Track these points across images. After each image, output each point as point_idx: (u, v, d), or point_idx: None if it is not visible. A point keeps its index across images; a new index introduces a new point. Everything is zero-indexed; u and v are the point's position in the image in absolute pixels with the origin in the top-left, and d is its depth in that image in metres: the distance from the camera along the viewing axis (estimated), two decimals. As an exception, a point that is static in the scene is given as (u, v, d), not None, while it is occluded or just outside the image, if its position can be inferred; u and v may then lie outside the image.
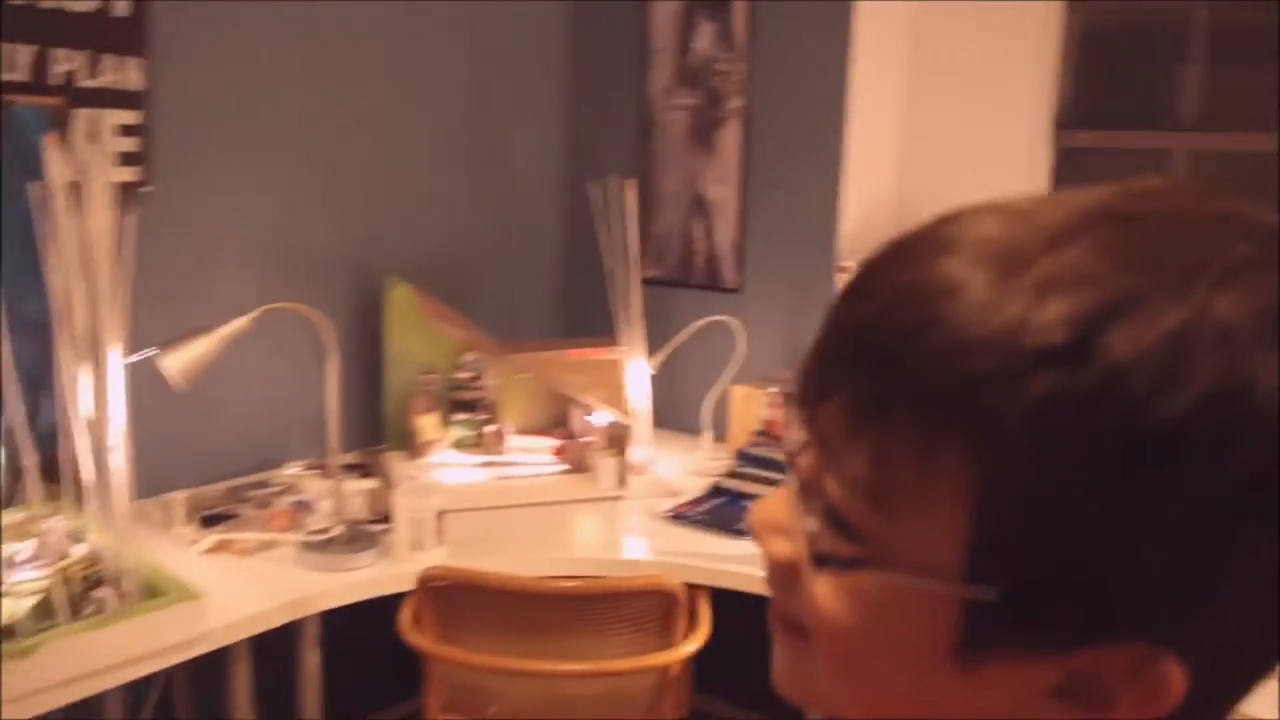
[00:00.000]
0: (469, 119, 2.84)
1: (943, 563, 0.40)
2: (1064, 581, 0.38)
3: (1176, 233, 0.39)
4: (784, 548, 0.47)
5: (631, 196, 2.57)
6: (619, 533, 2.37)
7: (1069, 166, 2.65)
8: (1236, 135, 2.47)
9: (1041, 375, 0.37)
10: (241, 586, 1.93)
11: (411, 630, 1.95)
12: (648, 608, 1.96)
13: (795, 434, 0.47)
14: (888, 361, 0.40)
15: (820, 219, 2.68)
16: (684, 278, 2.88)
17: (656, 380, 2.67)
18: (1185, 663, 0.38)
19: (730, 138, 2.75)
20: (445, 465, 2.53)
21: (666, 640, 1.97)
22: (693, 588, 2.02)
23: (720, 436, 2.75)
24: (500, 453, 2.63)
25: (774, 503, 0.48)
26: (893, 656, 0.42)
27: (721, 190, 2.79)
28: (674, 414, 2.81)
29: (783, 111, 2.68)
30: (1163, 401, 0.36)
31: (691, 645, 1.96)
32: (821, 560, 0.43)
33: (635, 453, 2.56)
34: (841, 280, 2.65)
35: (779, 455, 2.52)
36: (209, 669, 1.92)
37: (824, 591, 0.43)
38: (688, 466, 2.66)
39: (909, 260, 0.42)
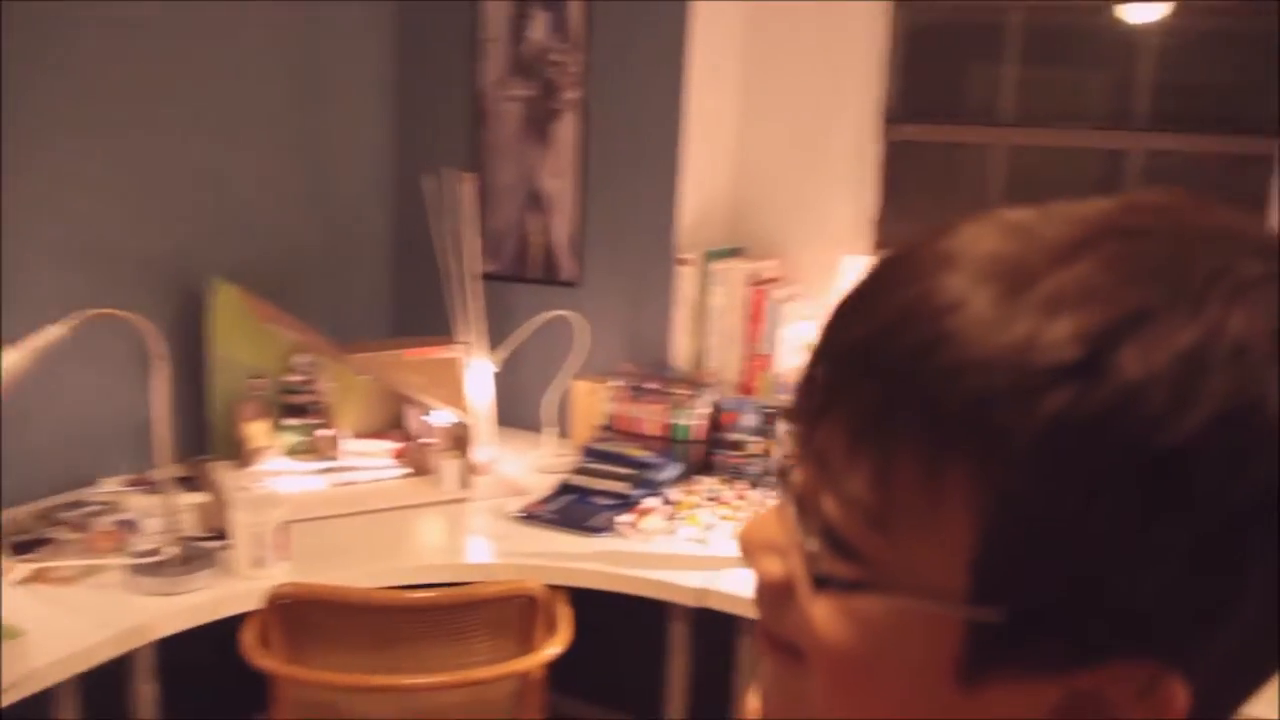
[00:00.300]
0: (292, 110, 2.70)
1: (946, 584, 0.39)
2: (1071, 602, 0.37)
3: (1183, 247, 0.39)
4: (776, 567, 0.45)
5: (469, 190, 2.51)
6: (469, 536, 2.31)
7: (897, 159, 2.75)
8: (1052, 131, 2.61)
9: (1053, 394, 0.36)
10: (65, 619, 1.77)
11: (257, 651, 1.84)
12: (508, 613, 1.91)
13: (788, 449, 0.46)
14: (893, 379, 0.39)
15: (658, 211, 2.68)
16: (520, 272, 2.84)
17: (496, 377, 2.62)
18: (1189, 679, 0.38)
19: (567, 130, 2.72)
20: (278, 474, 2.41)
21: (527, 645, 1.93)
22: (550, 589, 1.98)
23: (564, 432, 2.72)
24: (336, 458, 2.52)
25: (764, 520, 0.47)
26: (894, 679, 0.41)
27: (558, 183, 2.76)
28: (515, 411, 2.76)
29: (620, 104, 2.67)
30: (1175, 420, 0.35)
31: (553, 649, 1.93)
32: (822, 582, 0.42)
33: (478, 452, 2.50)
34: (683, 273, 2.66)
35: (626, 449, 2.52)
36: (28, 713, 1.75)
37: (822, 614, 0.42)
38: (532, 464, 2.62)
39: (909, 276, 0.41)
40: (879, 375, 0.40)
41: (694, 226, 2.71)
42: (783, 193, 2.79)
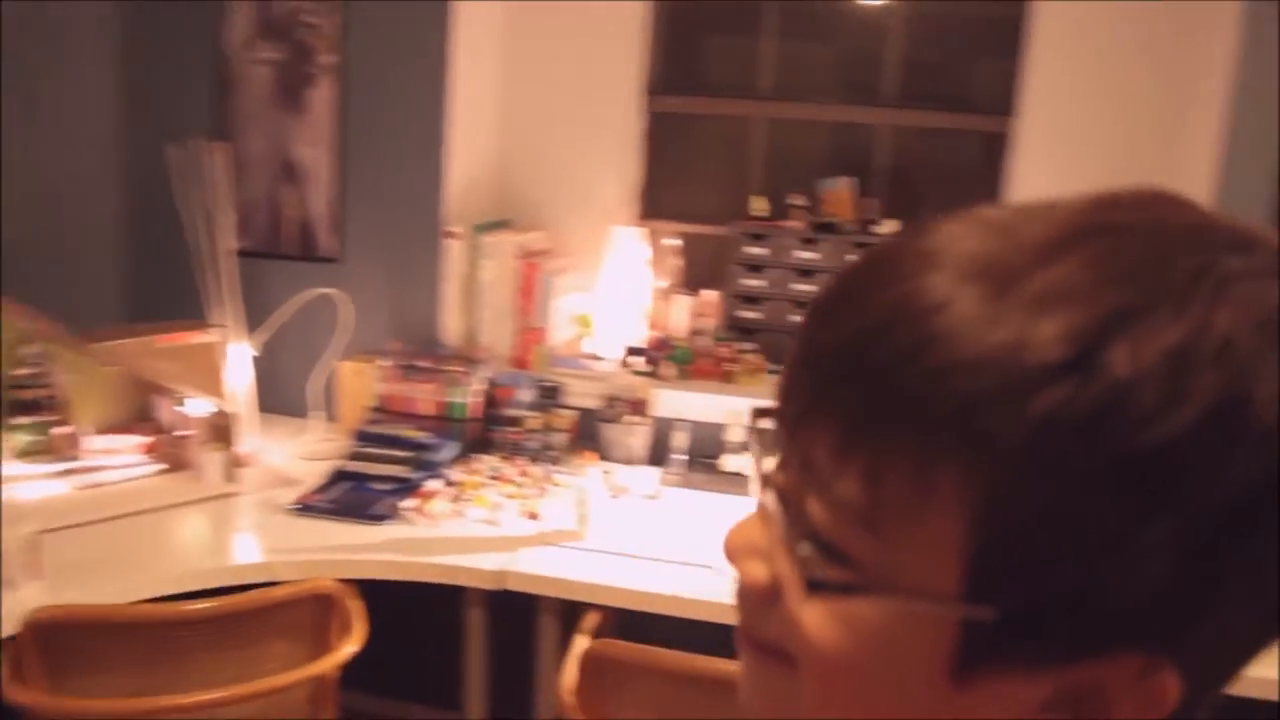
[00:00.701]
0: (4, 74, 2.39)
1: (940, 584, 0.39)
2: (1064, 598, 0.38)
3: (1164, 245, 0.39)
4: (761, 571, 0.45)
5: (221, 160, 2.32)
6: (241, 534, 2.16)
7: (661, 131, 2.77)
8: (806, 105, 2.72)
9: (1043, 393, 0.36)
10: None
11: (12, 684, 1.64)
12: (300, 615, 1.81)
13: (770, 453, 0.46)
14: (882, 382, 0.39)
15: (423, 183, 2.58)
16: (274, 248, 2.66)
17: (254, 361, 2.46)
18: (1180, 668, 0.39)
19: (322, 97, 2.56)
20: (12, 479, 2.15)
21: (322, 646, 1.83)
22: (341, 584, 1.89)
23: (332, 416, 2.59)
24: (77, 457, 2.29)
25: (747, 524, 0.47)
26: (887, 680, 0.42)
27: (313, 153, 2.60)
28: (276, 396, 2.61)
29: (380, 69, 2.54)
30: (1165, 417, 0.36)
31: (350, 647, 1.84)
32: (815, 586, 0.41)
33: (242, 442, 2.34)
34: (451, 246, 2.58)
35: (401, 431, 2.43)
36: None
37: (814, 618, 0.42)
38: (300, 452, 2.48)
39: (891, 276, 0.41)
40: (866, 377, 0.39)
41: (460, 198, 2.64)
42: (549, 164, 2.76)
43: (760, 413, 0.48)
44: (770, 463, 0.46)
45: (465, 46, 2.56)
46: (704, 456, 2.48)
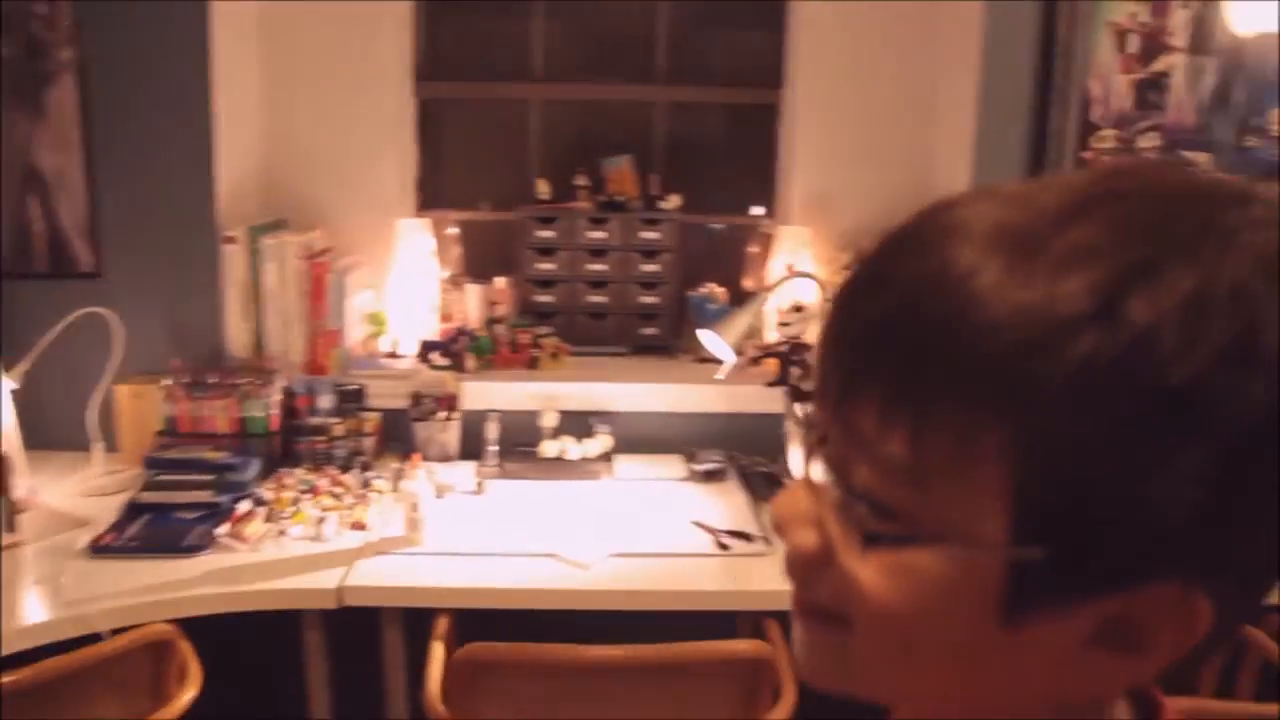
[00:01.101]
0: None
1: (988, 530, 0.42)
2: (1105, 533, 0.41)
3: (1171, 204, 0.43)
4: (812, 538, 0.48)
5: (-43, 176, 2.06)
6: (40, 587, 1.93)
7: (438, 119, 2.70)
8: (582, 85, 2.72)
9: (1075, 342, 0.40)
10: None
11: None
12: (132, 667, 1.67)
13: (813, 428, 0.48)
14: (924, 349, 0.42)
15: (192, 185, 2.40)
16: (23, 267, 2.39)
17: (14, 395, 2.21)
18: (1211, 595, 0.43)
19: (63, 96, 2.32)
20: None
21: (160, 696, 1.70)
22: (170, 626, 1.75)
23: (113, 446, 2.37)
24: None
25: (792, 495, 0.50)
26: (940, 628, 0.45)
27: (59, 159, 2.35)
28: (44, 431, 2.35)
29: (130, 66, 2.32)
30: (1185, 358, 0.40)
31: (189, 693, 1.71)
32: (872, 539, 0.45)
33: (15, 487, 2.11)
34: (230, 251, 2.42)
35: (197, 453, 2.27)
36: None
37: (870, 573, 0.45)
38: (83, 489, 2.26)
39: (919, 250, 0.44)
40: (905, 345, 0.42)
41: (231, 201, 2.47)
42: (322, 160, 2.64)
43: (799, 394, 0.51)
44: (812, 438, 0.48)
45: (223, 38, 2.38)
46: (520, 445, 2.46)
